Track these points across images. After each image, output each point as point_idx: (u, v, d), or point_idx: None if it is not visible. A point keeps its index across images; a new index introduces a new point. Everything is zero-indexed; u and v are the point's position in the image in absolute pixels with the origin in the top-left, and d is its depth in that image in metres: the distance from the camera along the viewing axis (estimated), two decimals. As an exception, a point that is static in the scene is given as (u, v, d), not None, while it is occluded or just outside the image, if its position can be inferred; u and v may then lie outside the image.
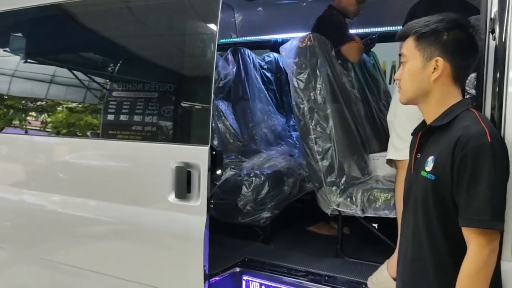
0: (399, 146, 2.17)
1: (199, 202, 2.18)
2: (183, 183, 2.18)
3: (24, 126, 2.98)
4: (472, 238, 1.42)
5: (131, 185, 2.45)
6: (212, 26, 2.22)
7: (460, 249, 1.45)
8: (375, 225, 2.81)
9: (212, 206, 2.21)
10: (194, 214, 2.19)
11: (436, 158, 1.50)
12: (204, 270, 2.20)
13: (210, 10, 2.22)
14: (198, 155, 2.17)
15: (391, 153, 2.25)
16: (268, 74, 3.96)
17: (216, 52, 2.18)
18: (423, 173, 1.53)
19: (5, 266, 3.15)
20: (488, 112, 1.65)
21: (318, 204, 2.72)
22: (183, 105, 2.34)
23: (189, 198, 2.20)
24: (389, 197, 2.48)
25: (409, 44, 1.58)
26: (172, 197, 2.25)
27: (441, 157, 1.48)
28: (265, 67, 3.99)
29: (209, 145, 2.15)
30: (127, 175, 2.47)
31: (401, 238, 1.68)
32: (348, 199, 2.55)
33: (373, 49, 3.75)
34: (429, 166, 1.52)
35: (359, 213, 2.54)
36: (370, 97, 3.45)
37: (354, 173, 2.72)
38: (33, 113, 2.98)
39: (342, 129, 2.76)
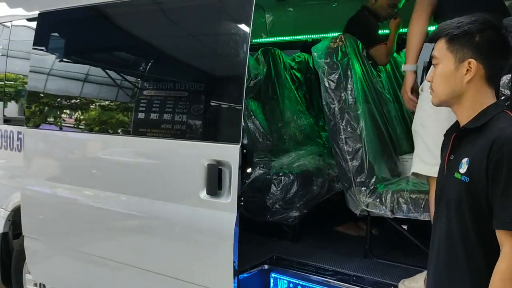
0: (430, 162, 2.10)
1: (230, 199, 2.22)
2: (215, 180, 2.23)
3: (59, 123, 3.08)
4: (506, 240, 1.41)
5: (164, 181, 2.51)
6: (245, 27, 2.26)
7: (494, 251, 1.44)
8: (405, 226, 2.80)
9: (242, 203, 2.24)
10: (225, 211, 2.23)
11: (471, 160, 1.49)
12: (234, 266, 2.24)
13: (243, 12, 2.26)
14: (229, 153, 2.21)
15: (419, 167, 2.18)
16: (298, 74, 3.98)
17: (248, 52, 2.22)
18: (457, 175, 1.52)
19: (41, 258, 3.26)
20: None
21: (347, 204, 2.72)
22: (216, 104, 2.38)
23: (220, 195, 2.25)
24: (419, 199, 2.46)
25: (441, 46, 1.57)
26: (203, 194, 2.29)
27: (476, 159, 1.47)
28: (295, 67, 4.01)
29: (240, 144, 2.19)
30: (160, 172, 2.53)
31: (434, 239, 1.67)
32: (378, 200, 2.54)
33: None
34: (463, 168, 1.51)
35: (388, 214, 2.53)
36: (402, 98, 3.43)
37: (384, 174, 2.72)
38: (68, 111, 3.07)
39: (372, 129, 2.75)
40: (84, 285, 3.01)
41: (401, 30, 3.71)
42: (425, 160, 2.15)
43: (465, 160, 1.51)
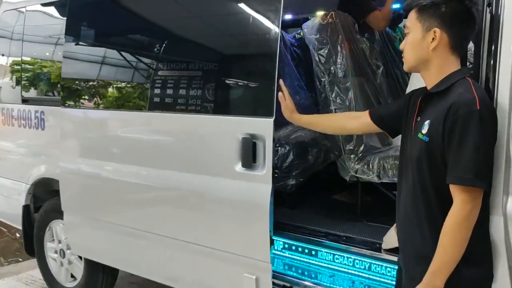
0: None
1: (265, 171, 2.31)
2: (249, 153, 2.32)
3: (96, 102, 3.15)
4: (457, 194, 1.58)
5: (201, 155, 2.59)
6: (276, 3, 2.29)
7: (448, 202, 1.62)
8: (396, 192, 2.97)
9: (276, 175, 2.34)
10: (260, 182, 2.33)
11: (431, 122, 1.65)
12: (270, 235, 2.36)
13: None
14: (263, 127, 2.29)
15: None
16: (299, 51, 4.11)
17: (280, 28, 2.27)
18: (419, 135, 1.69)
19: (81, 232, 3.39)
20: (483, 81, 1.79)
21: (338, 171, 2.90)
22: (250, 80, 2.46)
23: (254, 168, 2.33)
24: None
25: (412, 16, 1.72)
26: (239, 167, 2.39)
27: (435, 121, 1.63)
28: (296, 44, 4.14)
29: (274, 117, 2.27)
30: (198, 147, 2.62)
31: (401, 193, 1.85)
32: (365, 166, 2.72)
33: (400, 25, 3.83)
34: (425, 129, 1.67)
35: (375, 179, 2.71)
36: (397, 71, 3.57)
37: (373, 142, 2.88)
38: (106, 90, 3.14)
39: (362, 101, 2.91)
40: (128, 258, 3.12)
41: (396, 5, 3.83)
42: None
43: (427, 122, 1.67)
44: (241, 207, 2.43)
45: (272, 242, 2.36)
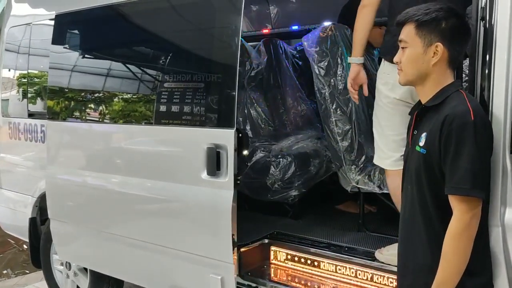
0: (382, 156, 2.40)
1: (227, 178, 2.44)
2: (213, 162, 2.46)
3: (77, 115, 3.31)
4: (456, 204, 1.60)
5: (172, 164, 2.73)
6: (236, 21, 2.45)
7: (447, 214, 1.63)
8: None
9: (238, 182, 2.46)
10: (223, 189, 2.46)
11: (428, 134, 1.68)
12: (233, 239, 2.46)
13: (233, 7, 2.46)
14: (225, 137, 2.43)
15: (376, 160, 2.46)
16: (300, 63, 4.16)
17: (239, 44, 2.41)
18: (417, 148, 1.72)
19: (69, 239, 3.50)
20: (478, 92, 1.81)
21: (339, 182, 2.92)
22: (212, 94, 2.59)
23: (218, 175, 2.47)
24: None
25: (410, 31, 1.73)
26: (204, 174, 2.53)
27: (432, 133, 1.66)
28: (297, 56, 4.19)
29: (235, 128, 2.41)
30: (168, 156, 2.77)
31: (402, 204, 1.87)
32: (366, 177, 2.73)
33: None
34: (422, 142, 1.70)
35: (376, 190, 2.72)
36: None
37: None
38: (84, 104, 3.30)
39: (364, 112, 2.93)
40: (99, 256, 3.28)
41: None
42: (379, 154, 2.44)
43: (423, 135, 1.70)
44: (207, 212, 2.57)
45: (235, 244, 2.46)
